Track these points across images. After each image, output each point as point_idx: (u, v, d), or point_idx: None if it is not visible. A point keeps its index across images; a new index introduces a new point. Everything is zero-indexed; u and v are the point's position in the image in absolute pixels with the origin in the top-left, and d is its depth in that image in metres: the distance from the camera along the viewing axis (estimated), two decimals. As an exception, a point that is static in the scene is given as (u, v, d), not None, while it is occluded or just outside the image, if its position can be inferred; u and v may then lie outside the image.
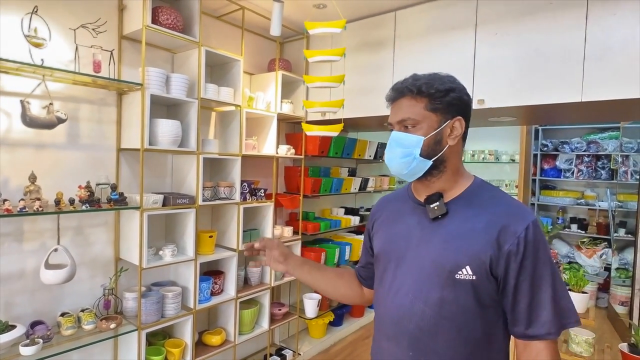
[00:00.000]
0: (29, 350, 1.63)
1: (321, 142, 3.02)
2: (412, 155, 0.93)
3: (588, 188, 4.89)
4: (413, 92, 0.93)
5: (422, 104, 0.92)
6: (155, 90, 1.99)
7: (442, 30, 2.24)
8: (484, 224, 0.89)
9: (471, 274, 0.88)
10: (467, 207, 0.94)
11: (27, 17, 1.68)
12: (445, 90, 0.92)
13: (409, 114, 0.93)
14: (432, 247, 0.93)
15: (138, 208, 1.95)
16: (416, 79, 0.94)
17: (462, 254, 0.89)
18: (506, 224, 0.88)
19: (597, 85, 1.79)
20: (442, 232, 0.93)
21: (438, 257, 0.91)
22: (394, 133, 0.97)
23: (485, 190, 0.97)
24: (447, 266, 0.89)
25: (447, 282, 0.89)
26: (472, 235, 0.90)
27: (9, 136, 1.75)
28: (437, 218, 0.94)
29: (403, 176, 0.98)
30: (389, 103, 1.00)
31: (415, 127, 0.93)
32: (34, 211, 1.62)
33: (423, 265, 0.94)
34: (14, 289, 1.80)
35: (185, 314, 2.21)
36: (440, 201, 0.94)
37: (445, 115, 0.93)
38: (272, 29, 2.26)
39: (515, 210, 0.91)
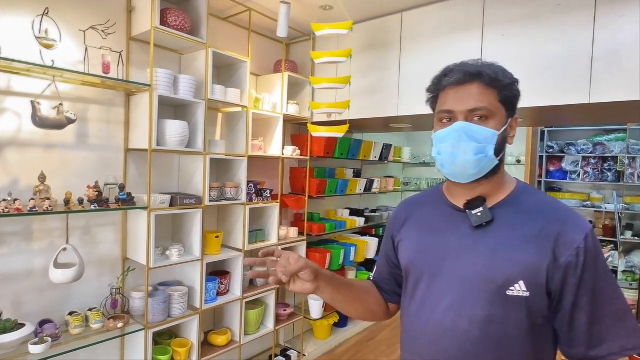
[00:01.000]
0: (38, 349, 1.64)
1: (327, 143, 3.03)
2: (485, 152, 0.80)
3: (594, 190, 4.86)
4: (489, 77, 0.80)
5: (494, 93, 0.81)
6: (163, 91, 2.01)
7: (449, 31, 2.24)
8: (536, 232, 0.79)
9: (525, 289, 0.77)
10: (514, 213, 0.83)
11: (38, 18, 1.70)
12: (515, 82, 0.83)
13: (484, 103, 0.80)
14: (477, 258, 0.81)
15: (146, 208, 1.96)
16: (490, 65, 0.83)
17: (514, 267, 0.78)
18: (562, 232, 0.77)
19: (605, 87, 1.79)
20: (488, 241, 0.82)
21: (486, 270, 0.80)
22: (463, 124, 0.80)
23: (531, 194, 0.87)
24: (498, 281, 0.78)
25: (497, 299, 0.78)
26: (523, 244, 0.78)
27: (20, 136, 1.77)
28: (481, 225, 0.83)
29: (466, 177, 0.83)
30: (443, 89, 0.85)
31: (488, 120, 0.80)
32: (44, 211, 1.64)
33: (466, 278, 0.82)
34: (23, 288, 1.82)
35: (192, 314, 2.22)
36: (484, 206, 0.83)
37: (510, 111, 0.84)
38: (279, 31, 2.27)
39: (570, 217, 0.80)
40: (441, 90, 0.86)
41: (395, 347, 3.43)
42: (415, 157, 4.98)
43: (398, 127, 3.33)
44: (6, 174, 1.74)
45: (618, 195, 4.57)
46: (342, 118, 2.55)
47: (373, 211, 4.11)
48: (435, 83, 0.87)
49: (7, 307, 1.76)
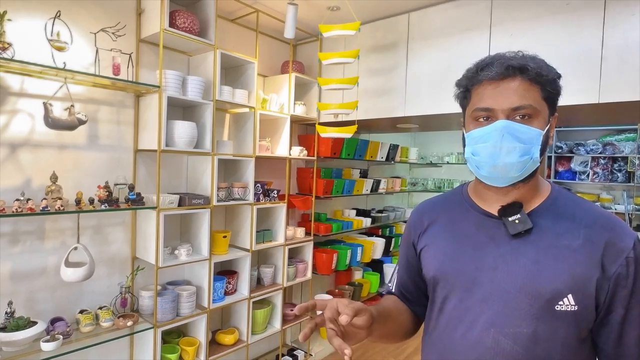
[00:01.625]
0: (50, 346, 1.67)
1: (333, 144, 3.03)
2: (530, 153, 0.73)
3: (604, 191, 4.81)
4: (533, 72, 0.72)
5: (537, 90, 0.73)
6: (172, 92, 2.03)
7: (456, 31, 2.23)
8: (581, 241, 0.72)
9: (574, 304, 0.71)
10: (555, 219, 0.76)
11: (50, 21, 1.73)
12: (558, 78, 0.76)
13: (529, 100, 0.72)
14: (519, 270, 0.74)
15: (155, 208, 1.98)
16: (532, 58, 0.75)
17: (561, 279, 0.71)
18: (610, 241, 0.72)
19: (615, 87, 1.77)
20: (529, 251, 0.75)
21: (530, 283, 0.73)
22: (507, 122, 0.72)
23: (570, 199, 0.80)
24: (545, 294, 0.71)
25: (544, 315, 0.72)
26: (569, 254, 0.72)
27: (32, 137, 1.80)
28: (519, 234, 0.76)
29: (506, 180, 0.76)
30: (477, 83, 0.77)
31: (532, 119, 0.73)
32: (56, 210, 1.67)
33: (507, 292, 0.74)
34: (36, 286, 1.85)
35: (200, 313, 2.24)
36: (522, 213, 0.76)
37: (552, 109, 0.77)
38: (286, 32, 2.29)
39: (615, 224, 0.74)
40: (475, 85, 0.77)
41: (403, 347, 3.42)
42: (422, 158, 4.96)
43: (405, 127, 3.33)
44: (19, 174, 1.77)
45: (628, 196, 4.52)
46: (350, 118, 2.56)
47: (380, 211, 4.11)
48: (469, 77, 0.78)
49: (20, 305, 1.79)
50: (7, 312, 1.69)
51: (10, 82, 1.72)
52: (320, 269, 3.07)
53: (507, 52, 0.77)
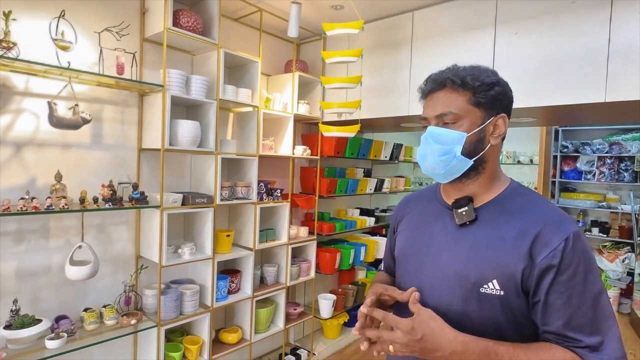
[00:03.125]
0: (54, 344, 1.68)
1: (337, 143, 3.03)
2: (451, 153, 0.84)
3: (610, 190, 4.77)
4: (456, 83, 0.84)
5: (464, 97, 0.84)
6: (176, 91, 2.03)
7: (461, 30, 2.22)
8: (516, 233, 0.80)
9: (498, 288, 0.79)
10: (499, 213, 0.85)
11: (54, 21, 1.74)
12: (491, 84, 0.84)
13: (450, 108, 0.84)
14: (456, 255, 0.86)
15: (158, 207, 1.99)
16: (458, 70, 0.86)
17: (488, 266, 0.80)
18: (541, 233, 0.78)
19: (622, 85, 1.75)
20: (469, 239, 0.85)
21: (462, 267, 0.84)
22: (431, 128, 0.87)
23: (521, 195, 0.88)
24: (471, 278, 0.82)
25: (470, 296, 0.82)
26: (501, 245, 0.81)
27: (37, 136, 1.81)
28: (465, 224, 0.86)
29: (437, 176, 0.90)
30: (424, 95, 0.92)
31: (457, 123, 0.84)
32: (60, 209, 1.68)
33: (444, 273, 0.86)
34: (40, 284, 1.86)
35: (203, 312, 2.25)
36: (469, 206, 0.87)
37: (489, 111, 0.85)
38: (290, 31, 2.28)
39: (553, 218, 0.80)
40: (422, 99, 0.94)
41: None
42: (426, 157, 4.94)
43: (409, 126, 3.32)
44: (24, 173, 1.78)
45: (635, 196, 4.48)
46: (353, 117, 2.55)
47: (383, 211, 4.10)
48: (420, 93, 0.94)
49: (25, 303, 1.80)
50: (12, 310, 1.70)
51: (15, 81, 1.74)
52: (324, 269, 3.07)
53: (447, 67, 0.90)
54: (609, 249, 4.50)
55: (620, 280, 4.31)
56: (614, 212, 4.70)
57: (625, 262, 4.34)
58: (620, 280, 4.31)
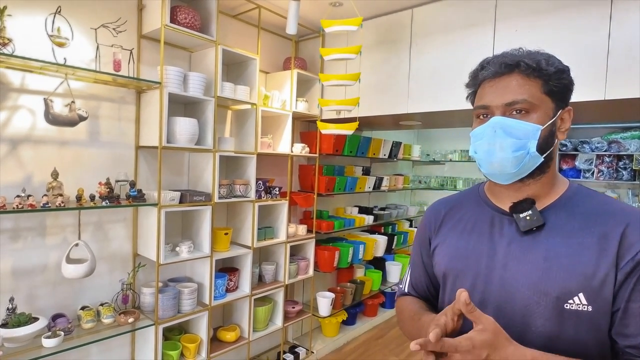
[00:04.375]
0: (51, 342, 1.67)
1: (336, 141, 3.02)
2: (526, 148, 0.73)
3: (609, 189, 4.77)
4: (530, 67, 0.72)
5: (537, 84, 0.73)
6: (173, 88, 2.02)
7: (460, 27, 2.21)
8: (597, 238, 0.70)
9: (586, 303, 0.68)
10: (569, 216, 0.74)
11: (50, 17, 1.72)
12: (563, 70, 0.74)
13: (524, 95, 0.72)
14: (528, 267, 0.73)
15: (156, 205, 1.98)
16: (530, 53, 0.75)
17: (571, 277, 0.69)
18: (625, 235, 0.68)
19: (621, 83, 1.74)
20: (539, 248, 0.73)
21: (539, 281, 0.71)
22: (499, 119, 0.74)
23: (588, 196, 0.77)
24: (552, 292, 0.70)
25: (553, 314, 0.70)
26: (582, 252, 0.70)
27: (33, 133, 1.79)
28: (531, 230, 0.75)
29: (505, 176, 0.76)
30: (480, 83, 0.79)
31: (529, 114, 0.73)
32: (56, 207, 1.66)
33: (516, 290, 0.73)
34: (37, 282, 1.85)
35: (201, 310, 2.24)
36: (533, 209, 0.75)
37: (560, 103, 0.75)
38: (288, 28, 2.27)
39: (631, 216, 0.70)
40: (479, 85, 0.80)
41: (404, 345, 3.41)
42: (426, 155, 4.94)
43: (408, 124, 3.31)
44: (20, 170, 1.77)
45: (633, 194, 4.48)
46: (352, 115, 2.54)
47: (382, 209, 4.09)
48: (473, 77, 0.81)
49: (22, 301, 1.79)
50: (9, 308, 1.69)
51: (11, 78, 1.72)
52: (322, 267, 3.06)
53: (511, 49, 0.78)
54: (607, 247, 4.51)
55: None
56: (612, 211, 4.70)
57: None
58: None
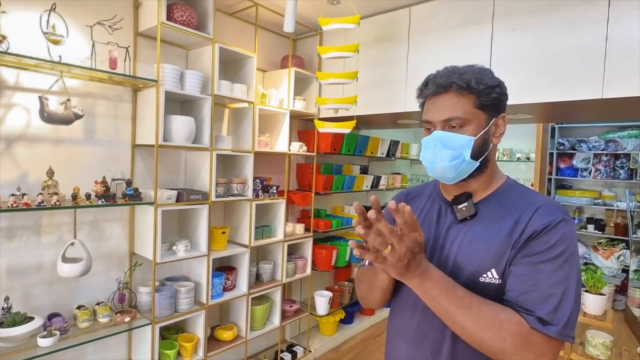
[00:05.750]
0: (47, 342, 1.66)
1: (333, 140, 3.01)
2: (461, 157, 0.86)
3: (606, 188, 4.78)
4: (462, 87, 0.84)
5: (469, 100, 0.85)
6: (170, 86, 2.01)
7: (458, 25, 2.20)
8: (511, 225, 0.83)
9: (497, 277, 0.82)
10: (497, 207, 0.88)
11: (45, 14, 1.70)
12: (493, 86, 0.86)
13: (457, 112, 0.85)
14: (456, 248, 0.88)
15: (152, 203, 1.97)
16: (461, 73, 0.86)
17: (486, 256, 0.83)
18: (531, 219, 0.81)
19: (619, 82, 1.74)
20: (468, 232, 0.88)
21: (461, 259, 0.86)
22: (439, 133, 0.87)
23: (517, 190, 0.91)
24: (470, 267, 0.85)
25: (469, 285, 0.83)
26: (497, 236, 0.84)
27: (28, 132, 1.78)
28: (466, 219, 0.89)
29: (447, 180, 0.91)
30: (425, 98, 0.91)
31: (464, 127, 0.86)
32: (52, 205, 1.65)
33: (445, 267, 0.88)
34: (32, 282, 1.84)
35: (198, 309, 2.23)
36: (469, 202, 0.90)
37: (492, 113, 0.87)
38: (286, 26, 2.26)
39: (543, 208, 0.82)
40: (425, 99, 0.92)
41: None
42: (423, 154, 4.93)
43: (406, 123, 3.30)
44: (15, 168, 1.75)
45: (630, 193, 4.49)
46: (349, 114, 2.53)
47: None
48: (418, 94, 0.93)
49: (17, 301, 1.78)
50: (4, 308, 1.68)
51: (5, 75, 1.70)
52: (320, 266, 3.06)
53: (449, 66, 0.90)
54: (604, 246, 4.52)
55: (615, 277, 4.33)
56: (609, 209, 4.72)
57: (620, 259, 4.36)
58: (615, 277, 4.33)
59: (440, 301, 0.78)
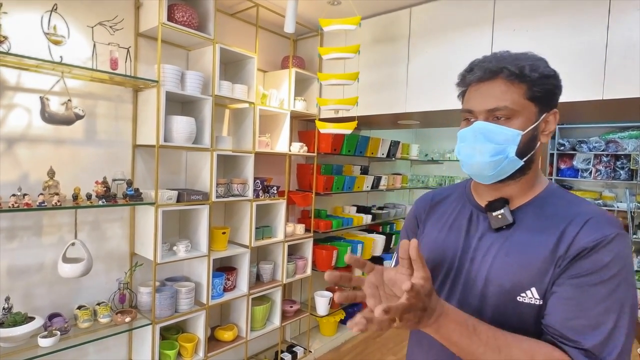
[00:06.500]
0: (47, 342, 1.66)
1: (334, 140, 3.01)
2: (504, 153, 0.75)
3: (606, 188, 4.78)
4: (513, 74, 0.73)
5: (520, 90, 0.74)
6: (171, 87, 2.01)
7: (458, 26, 2.20)
8: (556, 237, 0.72)
9: (538, 297, 0.71)
10: (538, 217, 0.77)
11: (46, 15, 1.71)
12: (548, 76, 0.76)
13: (505, 102, 0.74)
14: (490, 260, 0.77)
15: (153, 204, 1.97)
16: (514, 58, 0.75)
17: (525, 272, 0.72)
18: (579, 235, 0.70)
19: (619, 83, 1.74)
20: (504, 244, 0.77)
21: (496, 274, 0.75)
22: (481, 124, 0.76)
23: (561, 197, 0.79)
24: (506, 285, 0.74)
25: (504, 305, 0.73)
26: (539, 250, 0.72)
27: (29, 132, 1.78)
28: (501, 229, 0.78)
29: (484, 178, 0.79)
30: (468, 85, 0.80)
31: (511, 119, 0.75)
32: (53, 206, 1.65)
33: (476, 281, 0.78)
34: (33, 282, 1.84)
35: (198, 309, 2.24)
36: (505, 209, 0.78)
37: (543, 107, 0.77)
38: (286, 26, 2.26)
39: (594, 218, 0.72)
40: (466, 87, 0.82)
41: (402, 344, 3.42)
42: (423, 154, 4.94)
43: (406, 123, 3.30)
44: (16, 169, 1.76)
45: (631, 194, 4.49)
46: (350, 114, 2.54)
47: (380, 208, 4.09)
48: (461, 80, 0.82)
49: (18, 301, 1.78)
50: (5, 308, 1.68)
51: (7, 76, 1.71)
52: (320, 266, 3.06)
53: (499, 51, 0.79)
54: (604, 246, 4.52)
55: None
56: (610, 210, 4.71)
57: (620, 259, 4.35)
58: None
59: (462, 346, 0.67)
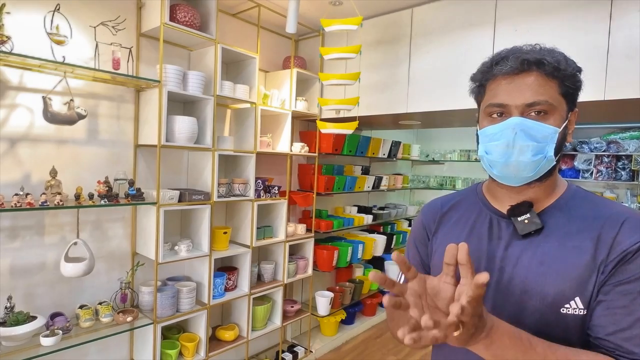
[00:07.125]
0: (49, 341, 1.67)
1: (335, 140, 3.02)
2: (544, 152, 0.69)
3: (607, 189, 4.77)
4: (550, 67, 0.68)
5: (554, 85, 0.69)
6: (173, 87, 2.01)
7: (460, 26, 2.20)
8: (593, 242, 0.68)
9: (582, 307, 0.66)
10: (567, 220, 0.72)
11: (49, 15, 1.71)
12: (577, 73, 0.71)
13: (544, 96, 0.68)
14: (524, 271, 0.71)
15: (155, 203, 1.97)
16: (550, 51, 0.71)
17: (566, 281, 0.67)
18: (618, 235, 0.67)
19: (621, 83, 1.74)
20: (536, 252, 0.71)
21: (534, 285, 0.69)
22: (520, 120, 0.69)
23: (584, 198, 0.75)
24: (548, 297, 0.68)
25: (547, 317, 0.68)
26: (578, 256, 0.68)
27: (31, 132, 1.79)
28: (529, 234, 0.72)
29: (519, 179, 0.73)
30: (492, 77, 0.73)
31: (548, 116, 0.69)
32: (55, 205, 1.66)
33: (511, 293, 0.71)
34: (35, 281, 1.84)
35: (200, 309, 2.24)
36: (531, 213, 0.73)
37: (570, 105, 0.72)
38: (288, 26, 2.26)
39: (631, 219, 0.68)
40: (490, 80, 0.74)
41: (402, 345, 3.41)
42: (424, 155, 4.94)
43: (407, 124, 3.31)
44: (18, 168, 1.76)
45: (632, 195, 4.49)
46: (351, 115, 2.54)
47: (381, 208, 4.09)
48: (484, 71, 0.75)
49: (20, 300, 1.78)
50: (7, 307, 1.69)
51: (9, 75, 1.71)
52: (321, 266, 3.06)
53: (524, 45, 0.74)
54: (605, 247, 4.51)
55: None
56: (611, 211, 4.70)
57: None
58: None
59: None
